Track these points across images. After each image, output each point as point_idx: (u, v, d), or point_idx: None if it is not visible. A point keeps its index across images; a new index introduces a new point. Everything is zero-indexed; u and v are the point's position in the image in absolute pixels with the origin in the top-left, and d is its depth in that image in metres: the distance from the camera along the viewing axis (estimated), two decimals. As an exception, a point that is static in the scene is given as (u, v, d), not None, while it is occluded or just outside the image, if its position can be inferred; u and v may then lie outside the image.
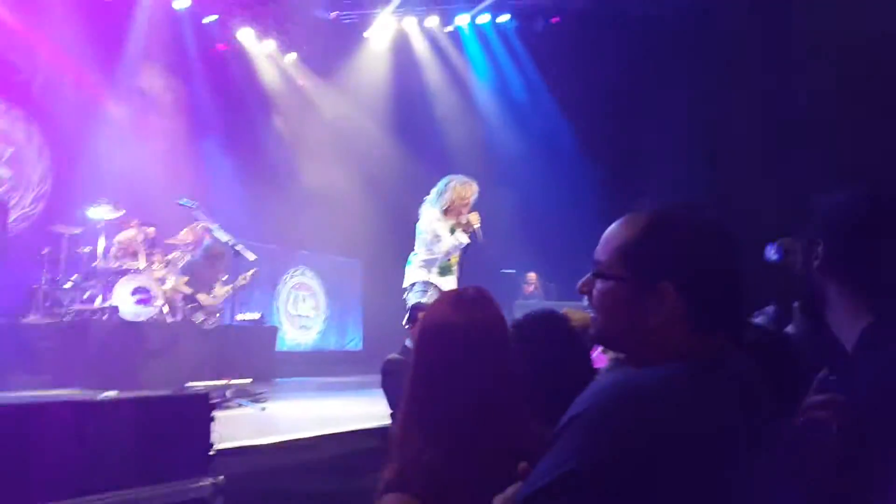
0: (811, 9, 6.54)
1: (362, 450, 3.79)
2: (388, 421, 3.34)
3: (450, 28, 9.72)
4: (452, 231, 4.49)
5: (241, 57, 9.13)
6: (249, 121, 9.00)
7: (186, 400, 3.45)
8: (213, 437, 3.04)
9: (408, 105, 9.56)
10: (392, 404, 3.36)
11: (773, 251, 1.72)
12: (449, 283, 4.57)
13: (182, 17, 8.43)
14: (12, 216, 6.56)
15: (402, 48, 9.77)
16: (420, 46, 9.78)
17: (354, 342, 9.87)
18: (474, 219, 4.48)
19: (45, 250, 6.09)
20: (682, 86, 7.68)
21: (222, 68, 8.95)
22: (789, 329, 1.66)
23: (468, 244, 4.54)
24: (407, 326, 3.70)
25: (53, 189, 7.26)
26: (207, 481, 2.97)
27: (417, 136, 9.32)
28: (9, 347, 5.44)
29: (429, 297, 4.43)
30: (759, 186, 6.65)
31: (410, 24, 9.68)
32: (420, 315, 3.39)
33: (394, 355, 3.63)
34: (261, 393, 5.26)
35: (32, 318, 5.85)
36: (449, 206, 4.49)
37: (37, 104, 7.21)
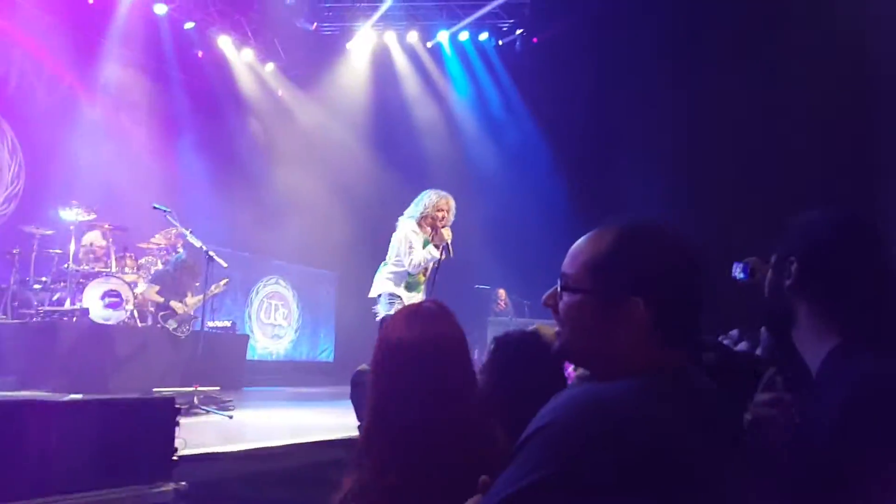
0: (793, 34, 6.72)
1: (329, 460, 3.79)
2: (356, 432, 3.35)
3: (430, 44, 9.83)
4: (425, 244, 4.54)
5: (219, 64, 9.14)
6: (226, 128, 9.00)
7: (151, 404, 3.42)
8: (178, 442, 3.04)
9: (386, 118, 9.63)
10: (360, 416, 3.37)
11: (739, 270, 1.69)
12: (414, 299, 4.57)
13: (161, 22, 8.41)
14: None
15: (382, 62, 9.85)
16: (400, 60, 9.88)
17: (326, 353, 9.83)
18: (447, 234, 4.53)
19: (16, 250, 6.02)
20: (659, 105, 7.84)
21: (201, 75, 8.95)
22: (743, 346, 1.66)
23: (440, 259, 4.58)
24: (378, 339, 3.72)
25: (26, 189, 7.19)
26: (170, 486, 2.96)
27: (395, 150, 9.38)
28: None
29: (397, 309, 4.42)
30: (734, 207, 6.79)
31: (391, 38, 9.78)
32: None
33: (364, 366, 3.64)
34: (229, 401, 5.23)
35: (0, 319, 5.76)
36: (423, 216, 4.53)
37: (11, 104, 7.15)
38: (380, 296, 4.59)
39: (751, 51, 7.23)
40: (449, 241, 4.52)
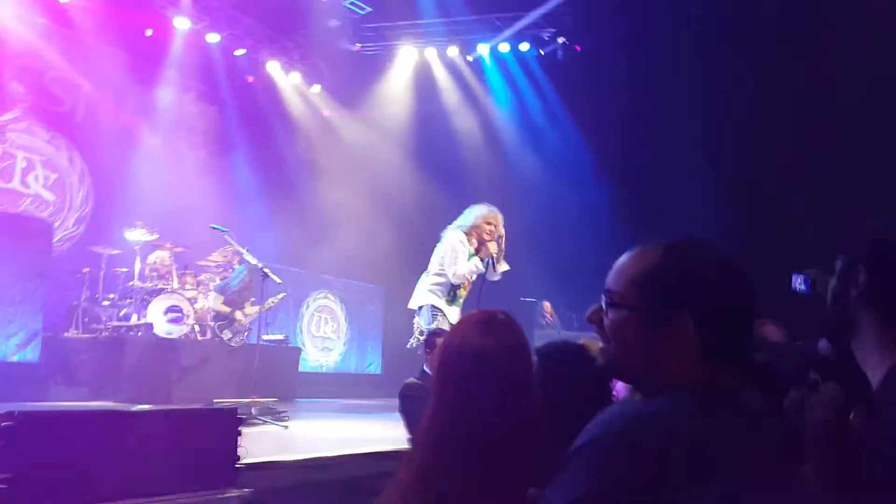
0: (842, 34, 6.56)
1: (380, 472, 3.90)
2: (405, 445, 3.46)
3: (471, 57, 9.95)
4: (470, 257, 4.56)
5: (269, 88, 9.50)
6: (276, 149, 9.31)
7: (215, 414, 3.64)
8: (240, 451, 3.21)
9: (429, 132, 9.76)
10: (410, 428, 3.46)
11: (799, 282, 1.63)
12: (453, 312, 4.54)
13: (214, 50, 8.82)
14: (56, 237, 6.92)
15: (424, 77, 10.04)
16: (441, 75, 10.04)
17: (374, 366, 10.01)
18: (493, 248, 4.55)
19: (85, 270, 6.42)
20: (707, 110, 7.75)
21: (252, 99, 9.31)
22: None
23: (484, 274, 4.61)
24: (425, 352, 3.80)
25: (94, 212, 7.65)
26: (234, 493, 3.13)
27: (439, 163, 9.47)
28: (50, 361, 5.80)
29: (439, 323, 4.41)
30: (785, 212, 6.66)
31: (432, 54, 9.97)
32: (439, 340, 3.52)
33: (412, 379, 3.74)
34: (284, 412, 5.43)
35: (72, 334, 6.16)
36: (471, 228, 4.52)
37: (79, 133, 7.61)
38: (421, 307, 4.59)
39: (804, 50, 7.07)
40: (495, 255, 4.54)
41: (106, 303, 6.40)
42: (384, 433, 4.68)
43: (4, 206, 6.90)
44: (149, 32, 8.26)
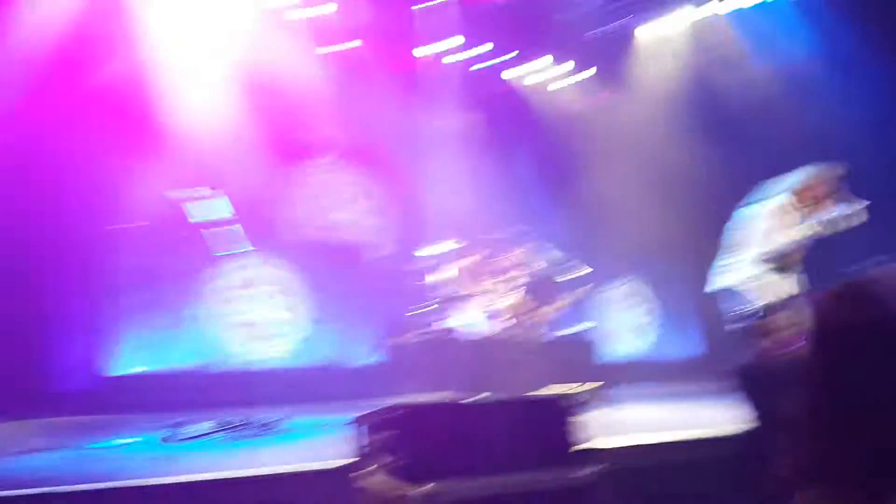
0: None
1: (720, 455, 3.74)
2: (739, 427, 3.27)
3: (733, 8, 9.01)
4: (797, 223, 4.20)
5: (531, 90, 9.81)
6: (552, 147, 9.52)
7: (549, 402, 3.87)
8: (577, 435, 3.36)
9: (703, 100, 9.08)
10: (752, 412, 3.26)
11: None
12: (787, 282, 4.25)
13: (473, 64, 9.40)
14: (378, 256, 8.08)
15: (684, 43, 9.41)
16: (704, 37, 9.28)
17: (689, 349, 9.58)
18: (828, 207, 4.12)
19: (409, 281, 7.32)
20: None
21: (515, 103, 9.71)
22: None
23: (817, 237, 4.20)
24: (754, 331, 3.57)
25: (405, 231, 8.69)
26: (582, 472, 3.29)
27: (721, 131, 8.80)
28: (390, 362, 6.81)
29: (765, 299, 4.16)
30: None
31: (687, 15, 9.28)
32: (779, 317, 3.25)
33: (746, 361, 3.53)
34: (603, 398, 5.51)
35: (406, 338, 7.07)
36: (795, 193, 4.21)
37: (380, 164, 8.71)
38: (740, 285, 4.38)
39: None
40: (833, 216, 4.12)
41: (428, 308, 7.20)
42: (713, 415, 4.47)
43: (333, 235, 8.22)
44: (415, 57, 9.02)
